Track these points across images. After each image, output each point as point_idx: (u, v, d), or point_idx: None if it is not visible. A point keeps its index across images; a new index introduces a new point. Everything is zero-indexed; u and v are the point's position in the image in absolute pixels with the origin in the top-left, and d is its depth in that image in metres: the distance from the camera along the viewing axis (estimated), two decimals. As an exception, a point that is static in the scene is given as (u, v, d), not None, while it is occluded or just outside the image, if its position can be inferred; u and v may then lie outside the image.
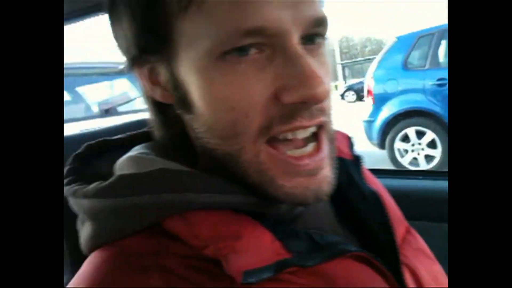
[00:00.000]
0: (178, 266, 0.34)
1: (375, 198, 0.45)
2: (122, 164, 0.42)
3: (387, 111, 3.67)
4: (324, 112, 0.38)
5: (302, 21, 0.35)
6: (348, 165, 0.49)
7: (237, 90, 0.35)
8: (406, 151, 3.61)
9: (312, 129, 0.37)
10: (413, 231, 0.52)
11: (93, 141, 0.48)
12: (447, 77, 3.39)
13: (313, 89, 0.33)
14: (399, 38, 3.77)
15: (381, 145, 3.71)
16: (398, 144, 3.63)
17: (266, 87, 0.35)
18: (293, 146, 0.37)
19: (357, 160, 0.51)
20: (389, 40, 3.97)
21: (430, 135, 3.48)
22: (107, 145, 0.48)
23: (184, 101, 0.38)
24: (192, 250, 0.35)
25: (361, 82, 9.30)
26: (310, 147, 0.37)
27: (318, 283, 0.35)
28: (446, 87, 3.37)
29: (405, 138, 3.61)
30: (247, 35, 0.33)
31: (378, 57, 3.87)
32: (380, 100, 3.72)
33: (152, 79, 0.40)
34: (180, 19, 0.35)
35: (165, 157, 0.41)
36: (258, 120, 0.35)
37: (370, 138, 3.81)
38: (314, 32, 0.37)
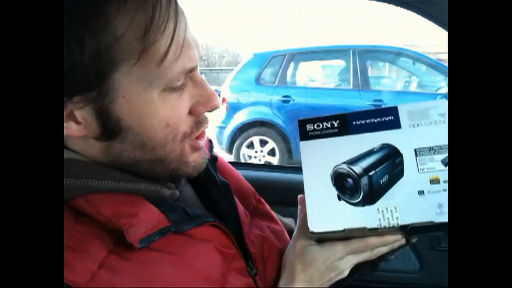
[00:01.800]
0: (91, 226, 0.43)
1: (225, 186, 0.61)
2: None
3: (238, 120, 3.92)
4: None
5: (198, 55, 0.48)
6: (208, 163, 0.62)
7: (172, 111, 0.46)
8: (250, 157, 3.91)
9: None
10: (263, 200, 0.70)
11: None
12: (291, 95, 3.88)
13: (216, 101, 0.49)
14: (255, 55, 4.06)
15: (229, 150, 3.94)
16: (244, 150, 3.90)
17: (187, 105, 0.47)
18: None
19: (214, 159, 0.65)
20: (245, 55, 4.21)
21: (271, 144, 3.85)
22: None
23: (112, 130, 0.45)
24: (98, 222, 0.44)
25: (217, 91, 9.57)
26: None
27: (188, 243, 0.49)
28: (289, 103, 3.83)
29: (250, 145, 3.91)
30: (185, 73, 0.46)
31: (236, 69, 4.10)
32: (233, 109, 3.95)
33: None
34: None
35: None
36: (183, 129, 0.48)
37: (220, 142, 4.02)
38: None
